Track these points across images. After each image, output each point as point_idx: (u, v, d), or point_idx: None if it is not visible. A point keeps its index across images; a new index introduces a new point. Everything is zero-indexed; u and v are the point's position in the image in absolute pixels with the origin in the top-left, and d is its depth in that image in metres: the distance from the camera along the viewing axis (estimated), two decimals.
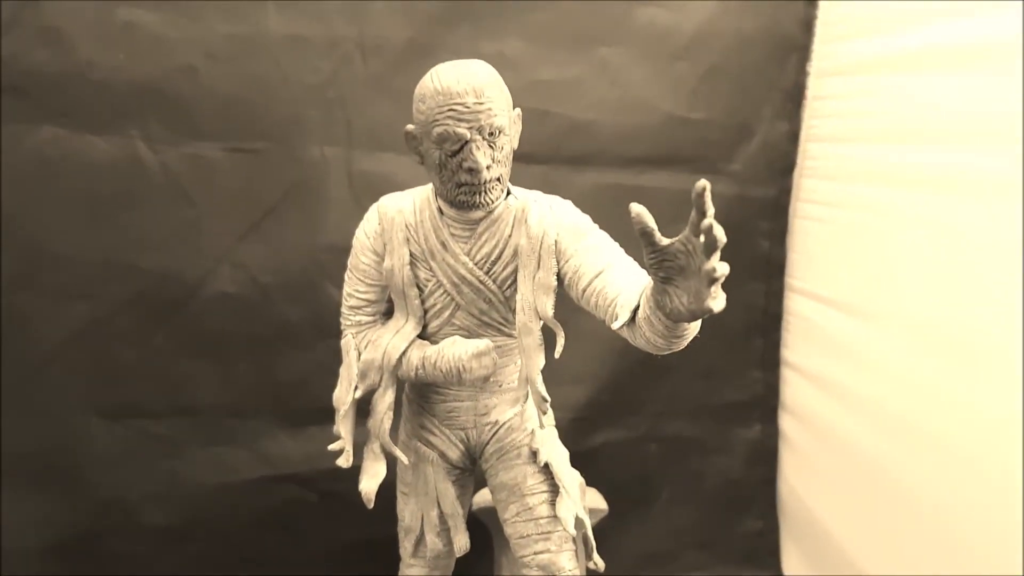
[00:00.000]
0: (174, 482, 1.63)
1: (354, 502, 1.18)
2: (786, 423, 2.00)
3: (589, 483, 1.65)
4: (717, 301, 0.77)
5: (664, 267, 0.79)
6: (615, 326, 0.94)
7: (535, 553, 1.11)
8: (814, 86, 1.87)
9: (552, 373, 1.77)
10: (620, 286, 0.98)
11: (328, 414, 1.16)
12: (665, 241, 0.77)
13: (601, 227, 1.78)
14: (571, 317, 1.76)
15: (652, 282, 0.83)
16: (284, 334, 1.60)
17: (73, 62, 1.46)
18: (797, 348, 1.97)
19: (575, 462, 1.76)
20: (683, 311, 0.80)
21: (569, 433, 1.81)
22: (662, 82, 1.79)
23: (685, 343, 0.92)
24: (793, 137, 1.88)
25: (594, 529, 1.62)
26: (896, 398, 1.57)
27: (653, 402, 1.93)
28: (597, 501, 1.58)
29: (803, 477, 1.94)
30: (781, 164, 1.89)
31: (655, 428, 1.94)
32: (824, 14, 1.81)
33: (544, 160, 1.73)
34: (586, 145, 1.77)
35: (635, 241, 1.80)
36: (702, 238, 0.74)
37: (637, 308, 0.92)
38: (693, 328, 0.90)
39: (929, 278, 1.47)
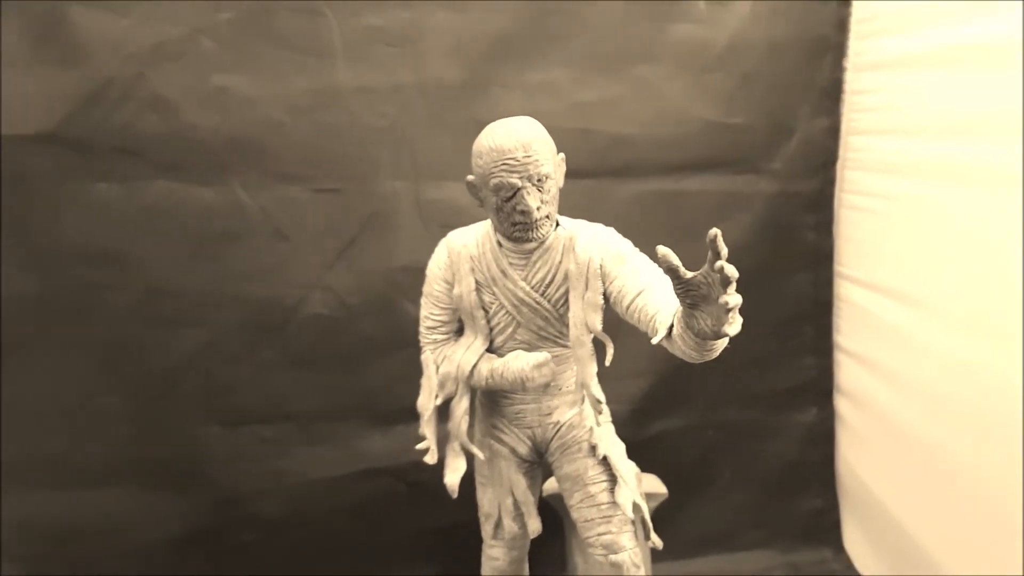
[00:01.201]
0: (282, 479, 1.83)
1: (439, 491, 1.36)
2: (842, 405, 2.10)
3: (648, 469, 1.78)
4: (733, 326, 0.93)
5: (690, 295, 0.94)
6: (654, 341, 1.10)
7: (598, 535, 1.29)
8: (852, 81, 1.96)
9: (611, 369, 1.92)
10: (658, 305, 1.14)
11: (411, 413, 1.34)
12: (689, 275, 0.92)
13: (645, 230, 1.93)
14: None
15: (681, 306, 0.99)
16: (369, 346, 1.80)
17: (178, 124, 1.67)
18: (849, 333, 2.06)
19: (635, 450, 1.92)
20: (708, 332, 0.96)
21: (628, 423, 1.97)
22: (698, 93, 1.90)
23: (716, 354, 1.06)
24: (833, 132, 1.98)
25: (655, 512, 1.77)
26: (946, 380, 1.63)
27: (707, 392, 2.05)
28: (656, 486, 1.73)
29: (860, 457, 2.03)
30: (822, 158, 1.99)
31: (710, 416, 2.06)
32: (858, 12, 1.89)
33: (588, 174, 1.87)
34: (627, 157, 1.89)
35: (676, 243, 1.95)
36: (718, 276, 0.89)
37: (672, 326, 1.07)
38: (721, 343, 1.05)
39: (972, 265, 1.54)
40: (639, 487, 1.34)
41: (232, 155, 1.71)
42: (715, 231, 0.87)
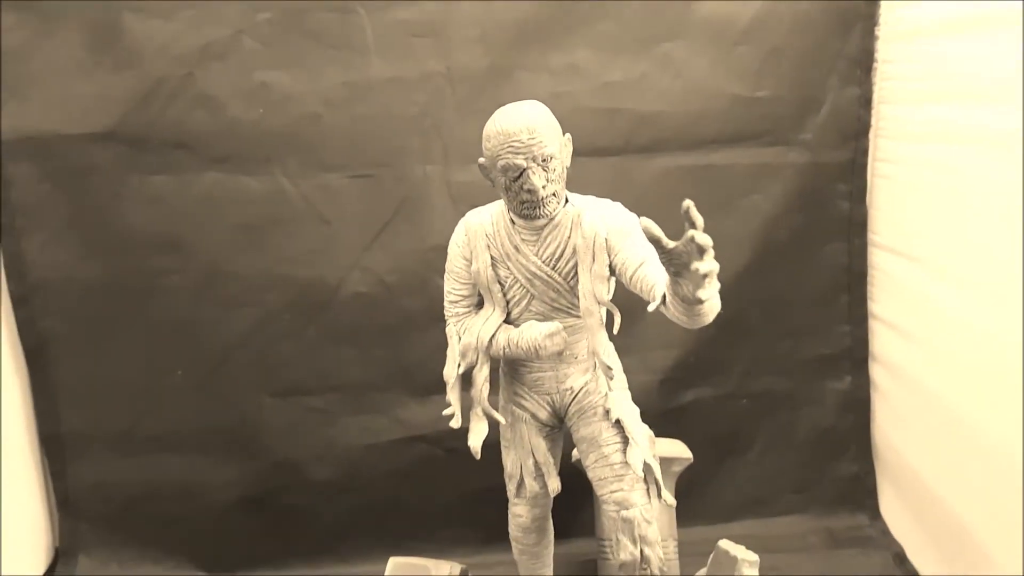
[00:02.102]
0: (331, 446, 1.95)
1: (471, 456, 1.44)
2: (877, 373, 2.11)
3: (680, 437, 1.84)
4: (706, 291, 1.00)
5: (673, 264, 1.01)
6: (651, 308, 1.18)
7: (611, 492, 1.37)
8: (883, 50, 1.96)
9: (641, 340, 2.01)
10: (656, 276, 1.20)
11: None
12: (671, 244, 0.99)
13: (674, 206, 1.97)
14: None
15: (668, 274, 1.06)
16: (406, 322, 1.90)
17: (224, 119, 1.80)
18: (884, 302, 2.07)
19: (666, 419, 2.00)
20: (690, 297, 1.03)
21: (659, 393, 2.04)
22: (725, 68, 1.93)
23: (706, 319, 1.13)
24: (865, 101, 1.99)
25: (683, 476, 1.84)
26: (980, 349, 1.64)
27: (740, 361, 2.09)
28: (681, 451, 1.78)
29: (896, 424, 2.05)
30: (853, 128, 2.00)
31: (744, 385, 2.10)
32: None
33: (616, 152, 1.93)
34: (655, 134, 1.94)
35: (706, 216, 1.99)
36: (694, 245, 0.96)
37: (665, 294, 1.15)
38: (710, 309, 1.11)
39: (1007, 233, 1.54)
40: (652, 449, 1.41)
41: (274, 146, 1.83)
42: (687, 202, 0.93)
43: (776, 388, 2.12)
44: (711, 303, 1.10)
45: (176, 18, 1.76)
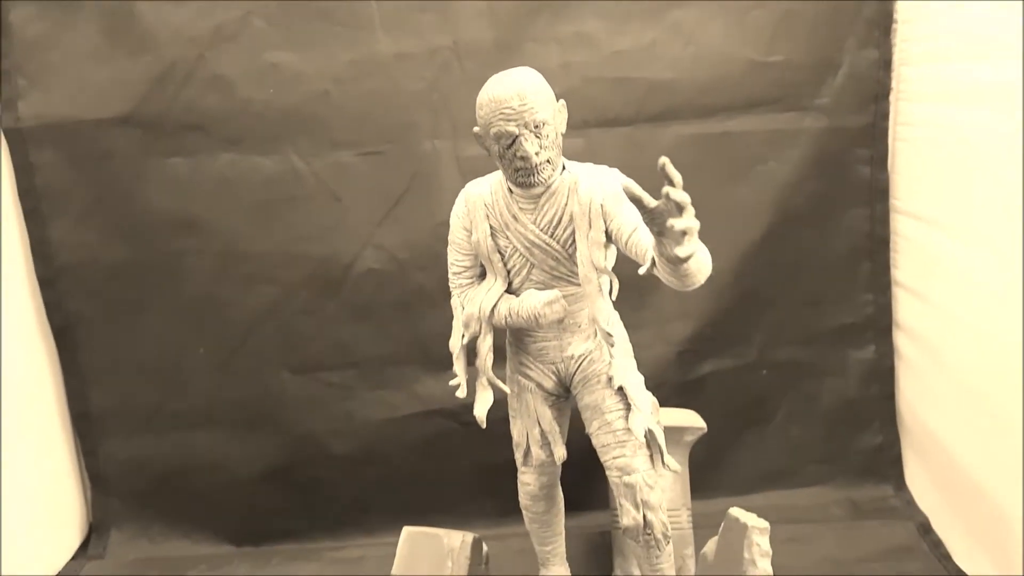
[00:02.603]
0: (350, 420, 1.99)
1: (490, 429, 1.46)
2: (901, 342, 2.08)
3: (699, 408, 1.82)
4: (683, 248, 0.99)
5: (656, 223, 1.01)
6: (641, 271, 1.17)
7: (613, 458, 1.37)
8: (901, 10, 1.93)
9: (657, 312, 2.01)
10: (649, 239, 1.20)
11: None
12: (652, 204, 0.99)
13: (689, 174, 1.96)
14: None
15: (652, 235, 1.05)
16: (420, 297, 1.92)
17: (236, 100, 1.83)
18: (907, 268, 2.04)
19: (684, 390, 1.98)
20: (672, 255, 1.03)
21: (677, 365, 2.03)
22: (738, 33, 1.91)
23: (694, 279, 1.13)
24: (884, 63, 1.95)
25: (703, 448, 1.83)
26: (1006, 316, 1.60)
27: (760, 332, 2.08)
28: (693, 420, 1.77)
29: (921, 393, 2.02)
30: (873, 91, 1.97)
31: (765, 355, 2.09)
32: None
33: (627, 122, 1.92)
34: (667, 102, 1.93)
35: (722, 184, 1.98)
36: (673, 203, 0.95)
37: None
38: (696, 268, 1.10)
39: None
40: (656, 415, 1.41)
41: (285, 126, 1.86)
42: (663, 159, 0.93)
43: (798, 358, 2.10)
44: (698, 263, 1.10)
45: (187, 2, 1.80)
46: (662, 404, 1.83)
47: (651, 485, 1.35)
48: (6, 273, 1.84)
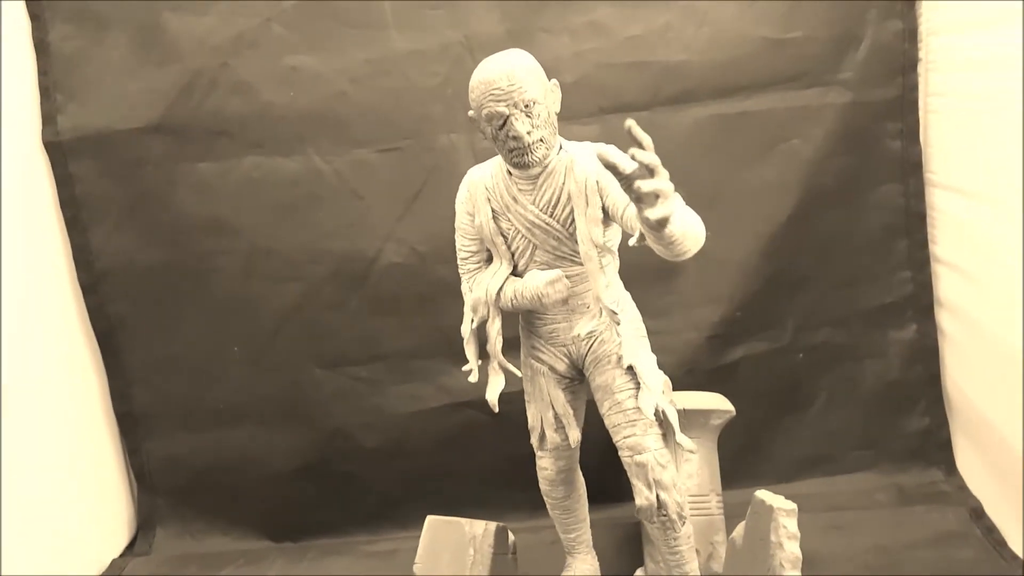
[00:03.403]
0: (379, 414, 2.01)
1: (518, 421, 1.49)
2: (944, 320, 2.02)
3: (731, 394, 1.80)
4: (654, 211, 0.99)
5: (633, 190, 1.00)
6: (631, 242, 1.17)
7: (624, 437, 1.35)
8: None
9: (684, 297, 1.99)
10: None
11: (485, 349, 1.44)
12: (628, 170, 0.99)
13: (710, 156, 1.95)
14: None
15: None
16: (442, 289, 1.92)
17: (258, 104, 1.88)
18: (946, 244, 1.98)
19: (716, 376, 1.96)
20: (647, 221, 1.02)
21: (707, 350, 2.00)
22: (753, 11, 1.89)
23: (681, 247, 1.11)
24: (910, 34, 1.91)
25: (740, 434, 1.87)
26: None
27: (793, 315, 2.04)
28: (720, 403, 1.74)
29: (968, 373, 1.95)
30: (899, 63, 1.92)
31: (800, 338, 2.04)
32: None
33: (644, 106, 1.91)
34: (683, 85, 1.91)
35: (744, 165, 1.95)
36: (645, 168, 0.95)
37: None
38: (681, 235, 1.09)
39: None
40: (668, 394, 1.38)
41: (306, 127, 1.90)
42: (630, 122, 0.92)
43: (835, 341, 2.05)
44: (682, 229, 1.08)
45: (210, 12, 1.87)
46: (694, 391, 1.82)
47: (663, 464, 1.33)
48: (51, 281, 1.93)
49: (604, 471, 1.69)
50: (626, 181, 0.99)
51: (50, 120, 1.91)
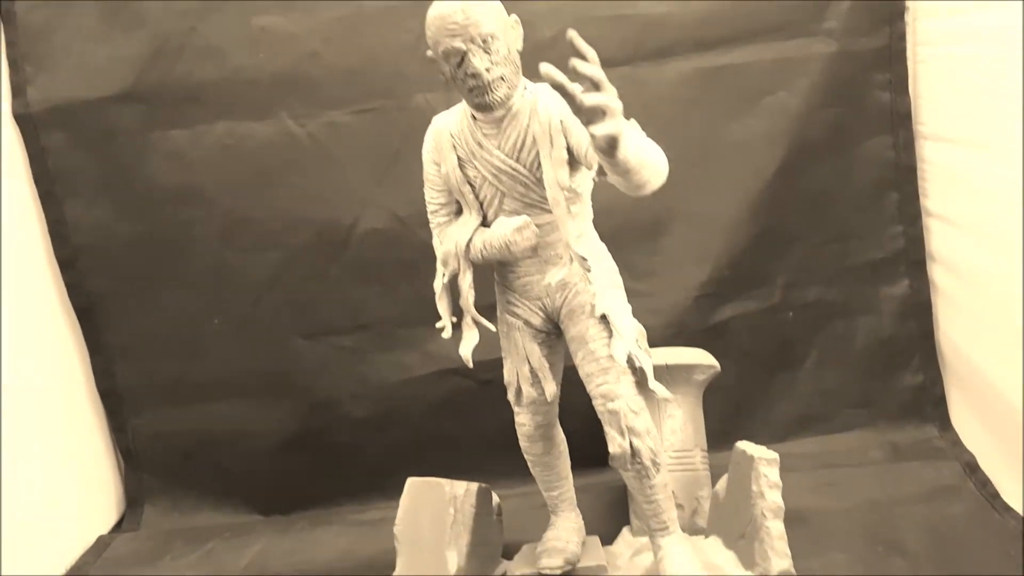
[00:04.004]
0: (366, 383, 1.99)
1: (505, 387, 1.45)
2: (937, 274, 1.98)
3: (724, 354, 1.78)
4: (597, 128, 0.95)
5: (583, 112, 0.96)
6: (591, 176, 1.13)
7: (597, 386, 1.32)
8: None
9: (669, 258, 1.96)
10: None
11: None
12: (573, 90, 0.94)
13: (694, 110, 1.90)
14: (679, 203, 1.92)
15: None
16: (425, 254, 1.86)
17: (229, 68, 1.85)
18: (938, 197, 1.94)
19: (706, 337, 1.93)
20: (595, 143, 0.99)
21: (695, 310, 1.97)
22: None
23: (639, 177, 1.08)
24: None
25: (732, 394, 1.87)
26: None
27: (783, 272, 2.00)
28: (703, 358, 1.71)
29: (962, 327, 1.92)
30: (886, 11, 1.88)
31: (790, 296, 2.01)
32: None
33: (624, 61, 1.87)
34: (664, 38, 1.87)
35: (730, 119, 1.91)
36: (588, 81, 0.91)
37: None
38: (637, 162, 1.05)
39: None
40: (642, 342, 1.35)
41: (277, 90, 1.87)
42: (571, 33, 0.88)
43: (826, 298, 2.02)
44: (640, 158, 1.05)
45: None
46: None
47: (636, 411, 1.30)
48: (28, 257, 1.91)
49: (590, 436, 1.65)
50: (577, 106, 0.95)
51: (19, 92, 1.89)
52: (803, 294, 2.01)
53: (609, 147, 0.98)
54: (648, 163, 1.07)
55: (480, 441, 2.00)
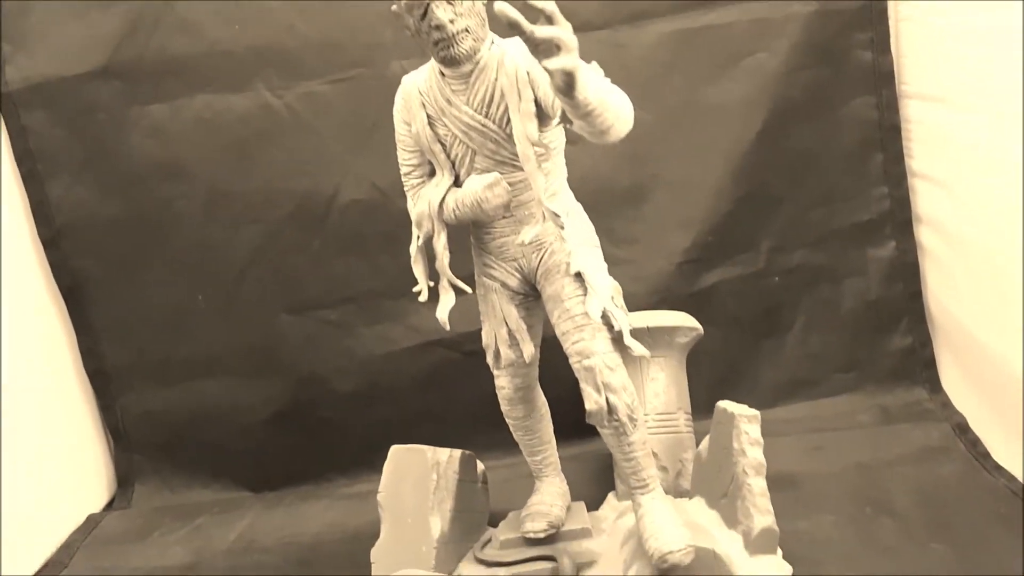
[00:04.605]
0: (352, 357, 1.99)
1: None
2: (924, 235, 1.97)
3: (710, 320, 1.77)
4: (551, 62, 0.94)
5: (539, 51, 0.95)
6: (554, 123, 1.12)
7: (573, 343, 1.31)
8: None
9: (650, 224, 1.95)
10: None
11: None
12: (529, 27, 0.93)
13: (674, 73, 1.88)
14: (660, 168, 1.91)
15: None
16: (407, 224, 1.87)
17: (205, 41, 1.84)
18: (924, 157, 1.93)
19: (691, 303, 1.91)
20: (554, 83, 0.97)
21: (679, 277, 1.96)
22: None
23: (603, 120, 1.07)
24: None
25: (720, 360, 1.85)
26: None
27: (768, 236, 1.99)
28: (684, 320, 1.70)
29: (951, 289, 1.90)
30: None
31: (775, 261, 2.00)
32: None
33: (602, 25, 1.86)
34: (642, 0, 1.86)
35: (710, 82, 1.89)
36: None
37: None
38: (599, 104, 1.04)
39: None
40: (617, 299, 1.34)
41: (254, 62, 1.86)
42: None
43: (812, 262, 2.01)
44: (602, 99, 1.04)
45: None
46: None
47: (612, 367, 1.28)
48: (13, 238, 1.90)
49: (574, 405, 1.64)
50: (533, 45, 0.94)
51: None
52: (789, 258, 2.00)
53: (566, 85, 0.96)
54: (611, 105, 1.06)
55: (466, 413, 1.98)
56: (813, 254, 1.99)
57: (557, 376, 1.45)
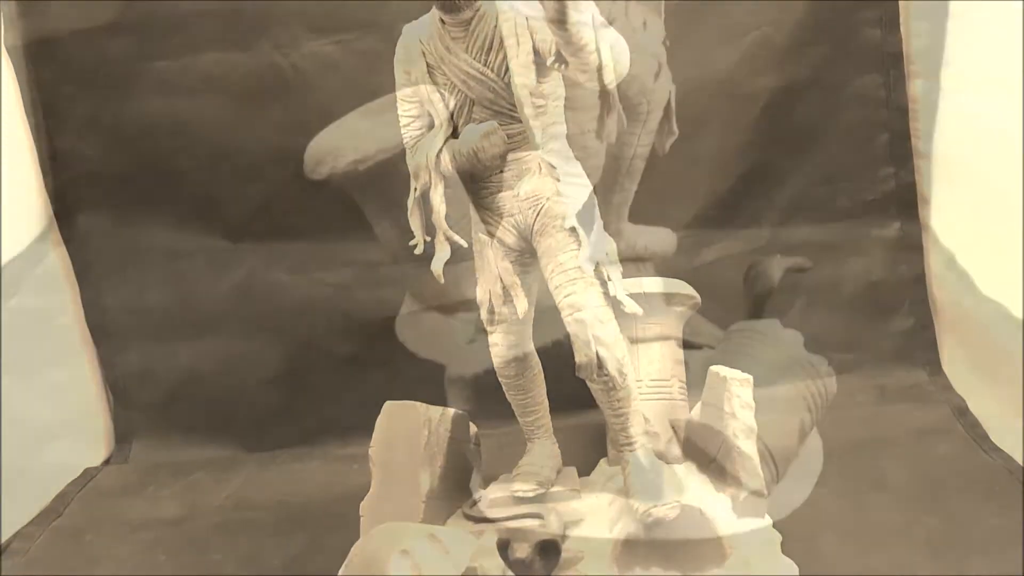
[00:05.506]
0: (350, 320, 1.99)
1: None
2: (929, 217, 1.96)
3: (708, 295, 1.72)
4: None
5: None
6: (549, 61, 1.13)
7: (565, 296, 1.30)
8: None
9: (651, 196, 1.92)
10: None
11: (457, 254, 1.38)
12: None
13: (676, 49, 1.87)
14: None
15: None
16: (408, 187, 1.90)
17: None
18: (930, 137, 1.91)
19: (691, 278, 1.88)
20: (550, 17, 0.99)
21: (677, 252, 1.93)
22: None
23: (595, 58, 1.08)
24: None
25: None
26: None
27: (771, 212, 1.98)
28: (680, 288, 1.68)
29: (953, 270, 1.89)
30: None
31: (777, 237, 1.99)
32: None
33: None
34: None
35: (713, 60, 1.87)
36: None
37: None
38: (592, 39, 1.05)
39: None
40: (612, 255, 1.33)
41: (261, 19, 1.87)
42: None
43: (815, 239, 1.99)
44: (592, 35, 1.03)
45: None
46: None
47: (603, 320, 1.28)
48: (21, 190, 1.92)
49: (572, 378, 1.64)
50: None
51: (11, 24, 1.89)
52: (791, 235, 1.99)
53: (559, 14, 0.96)
54: (604, 42, 1.06)
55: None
56: (815, 232, 1.98)
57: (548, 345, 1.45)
